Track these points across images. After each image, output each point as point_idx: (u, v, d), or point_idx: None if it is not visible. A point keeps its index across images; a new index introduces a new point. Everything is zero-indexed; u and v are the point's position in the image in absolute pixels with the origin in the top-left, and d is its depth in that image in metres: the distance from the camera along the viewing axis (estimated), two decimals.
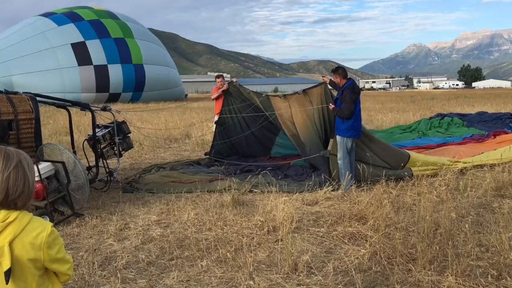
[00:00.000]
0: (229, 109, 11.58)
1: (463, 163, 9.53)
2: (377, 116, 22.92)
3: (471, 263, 4.83)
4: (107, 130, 8.88)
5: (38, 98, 7.85)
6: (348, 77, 8.56)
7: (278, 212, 6.45)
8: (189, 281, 4.77)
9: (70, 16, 42.65)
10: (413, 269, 4.78)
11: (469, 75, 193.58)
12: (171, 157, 12.96)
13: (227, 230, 6.21)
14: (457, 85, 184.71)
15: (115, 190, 8.66)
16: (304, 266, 4.92)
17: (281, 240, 5.71)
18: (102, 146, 8.81)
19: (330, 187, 8.13)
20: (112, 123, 8.95)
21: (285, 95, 9.96)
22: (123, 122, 9.21)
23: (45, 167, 6.73)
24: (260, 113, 10.64)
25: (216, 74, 13.02)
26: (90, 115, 8.82)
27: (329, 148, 8.87)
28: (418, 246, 5.09)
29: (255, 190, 8.39)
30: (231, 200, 7.53)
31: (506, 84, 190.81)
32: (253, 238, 5.93)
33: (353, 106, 8.15)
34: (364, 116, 14.99)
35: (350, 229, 6.02)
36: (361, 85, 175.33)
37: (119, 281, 4.72)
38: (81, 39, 41.11)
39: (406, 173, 8.72)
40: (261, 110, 10.60)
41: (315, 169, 9.54)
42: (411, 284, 4.55)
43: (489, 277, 4.50)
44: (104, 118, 9.56)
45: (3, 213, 2.12)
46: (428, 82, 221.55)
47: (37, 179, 6.44)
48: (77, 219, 6.85)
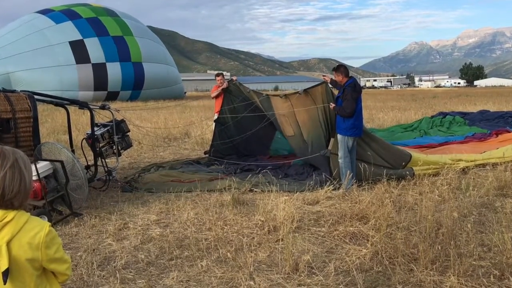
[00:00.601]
0: (229, 108, 11.58)
1: (465, 162, 9.53)
2: (378, 114, 22.92)
3: (474, 263, 4.83)
4: (106, 128, 8.88)
5: (36, 96, 7.85)
6: (349, 75, 8.57)
7: (278, 211, 6.44)
8: (189, 281, 4.77)
9: (67, 13, 42.63)
10: (415, 269, 4.77)
11: (471, 73, 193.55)
12: (171, 156, 12.96)
13: (227, 229, 6.21)
14: (458, 83, 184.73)
15: (114, 189, 8.67)
16: (305, 266, 4.92)
17: (282, 240, 5.70)
18: (101, 145, 8.81)
19: (331, 187, 8.13)
20: (111, 121, 8.95)
21: (286, 95, 9.96)
22: (122, 120, 9.20)
23: (43, 166, 6.73)
24: (260, 113, 10.65)
25: (216, 72, 13.01)
26: (88, 114, 8.81)
27: (329, 147, 8.87)
28: (420, 246, 5.08)
29: (256, 189, 8.39)
30: (231, 199, 7.53)
31: (508, 82, 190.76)
32: (253, 238, 5.93)
33: (355, 104, 8.15)
34: (365, 114, 15.00)
35: (351, 228, 6.02)
36: (362, 84, 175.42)
37: (118, 281, 4.72)
38: (79, 37, 41.11)
39: (407, 172, 8.72)
40: (261, 109, 10.61)
41: (316, 168, 9.54)
42: (413, 284, 4.54)
43: (492, 277, 4.50)
44: (102, 116, 9.56)
45: (0, 213, 2.12)
46: (429, 80, 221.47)
47: (35, 178, 6.44)
48: (76, 218, 6.85)
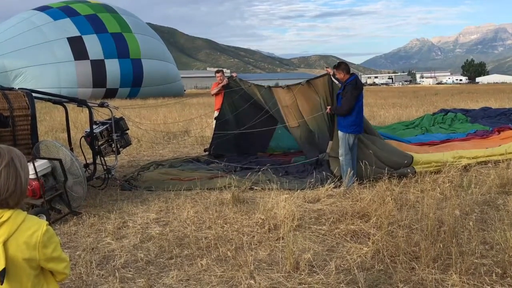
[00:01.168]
0: (228, 104, 11.57)
1: (467, 159, 9.52)
2: (379, 112, 22.92)
3: (476, 261, 4.84)
4: (105, 126, 8.87)
5: (34, 94, 7.84)
6: (350, 72, 8.55)
7: (279, 209, 6.45)
8: (188, 280, 4.77)
9: (65, 10, 42.57)
10: (417, 267, 4.78)
11: (473, 70, 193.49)
12: (170, 154, 12.96)
13: (227, 228, 6.21)
14: (460, 80, 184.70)
15: (113, 187, 8.66)
16: (305, 264, 4.92)
17: (282, 238, 5.71)
18: (99, 143, 8.81)
19: (332, 184, 8.12)
20: (109, 119, 8.95)
21: (288, 86, 9.97)
22: (121, 118, 9.20)
23: (41, 165, 6.72)
24: (262, 107, 10.64)
25: (216, 69, 13.00)
26: (87, 112, 8.81)
27: (328, 150, 8.89)
28: (421, 244, 5.09)
29: (256, 187, 8.39)
30: (231, 197, 7.53)
31: (510, 79, 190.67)
32: (253, 236, 5.93)
33: (354, 102, 8.14)
34: (366, 112, 14.98)
35: (352, 227, 6.02)
36: (363, 81, 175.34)
37: (117, 280, 4.72)
38: (77, 33, 41.06)
39: (409, 170, 8.72)
40: (262, 104, 10.60)
41: (317, 166, 9.54)
42: (414, 282, 4.55)
43: (494, 275, 4.50)
44: (101, 114, 9.54)
45: None
46: (431, 77, 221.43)
47: (33, 176, 6.44)
48: (74, 217, 6.84)
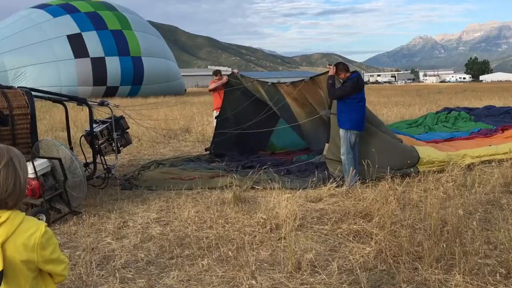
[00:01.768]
0: (229, 102, 11.55)
1: (471, 157, 9.50)
2: (382, 110, 22.88)
3: (479, 261, 4.83)
4: (105, 125, 8.87)
5: (33, 92, 7.84)
6: (352, 70, 8.57)
7: (281, 209, 6.44)
8: (189, 280, 4.77)
9: (65, 7, 42.56)
10: (420, 267, 4.77)
11: (477, 68, 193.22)
12: (171, 153, 12.97)
13: (228, 228, 6.21)
14: (464, 78, 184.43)
15: (113, 187, 8.67)
16: (307, 264, 4.92)
17: (284, 238, 5.70)
18: (99, 142, 8.81)
19: (334, 184, 8.11)
20: (110, 118, 8.95)
21: (292, 82, 9.95)
22: (121, 117, 9.20)
23: (41, 164, 6.72)
24: (264, 104, 10.62)
25: (217, 68, 13.01)
26: (87, 110, 8.81)
27: (324, 152, 8.89)
28: (424, 243, 5.08)
29: (257, 186, 8.39)
30: (233, 197, 7.52)
31: None
32: (255, 236, 5.93)
33: (349, 93, 8.16)
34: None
35: (355, 226, 6.01)
36: (365, 79, 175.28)
37: (118, 281, 4.72)
38: (77, 30, 41.03)
39: (412, 169, 8.71)
40: (266, 100, 10.57)
41: (319, 165, 9.54)
42: (417, 283, 4.54)
43: (498, 275, 4.49)
44: (102, 113, 9.54)
45: None
46: (434, 75, 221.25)
47: (33, 176, 6.44)
48: (74, 217, 6.85)
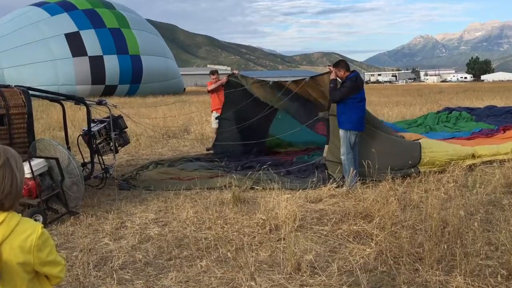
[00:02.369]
0: (230, 101, 11.53)
1: (474, 156, 9.49)
2: (382, 110, 22.87)
3: (480, 262, 4.83)
4: (103, 125, 8.86)
5: (30, 91, 7.83)
6: (351, 69, 8.56)
7: (280, 210, 6.43)
8: (188, 282, 4.77)
9: (63, 5, 42.52)
10: (420, 268, 4.76)
11: (478, 67, 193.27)
12: (169, 152, 12.96)
13: (227, 228, 6.20)
14: (465, 78, 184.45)
15: (111, 187, 8.66)
16: (307, 266, 4.91)
17: (284, 239, 5.70)
18: (97, 141, 8.80)
19: (334, 184, 8.11)
20: (108, 117, 8.94)
21: (294, 81, 9.92)
22: (120, 116, 9.19)
23: (38, 164, 6.71)
24: (264, 103, 10.62)
25: (216, 67, 13.04)
26: (85, 110, 8.80)
27: (324, 154, 8.88)
28: (425, 245, 5.08)
29: (257, 187, 8.38)
30: (232, 197, 7.52)
31: None
32: (254, 237, 5.92)
33: (348, 94, 8.15)
34: (369, 110, 14.91)
35: (355, 227, 6.01)
36: (366, 78, 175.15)
37: (115, 282, 4.71)
38: (75, 29, 41.00)
39: (412, 170, 8.71)
40: (269, 96, 10.55)
41: (318, 166, 9.55)
42: (418, 284, 4.54)
43: (499, 277, 4.49)
44: (101, 112, 9.53)
45: None
46: (435, 75, 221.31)
47: (29, 176, 6.43)
48: (72, 217, 6.83)
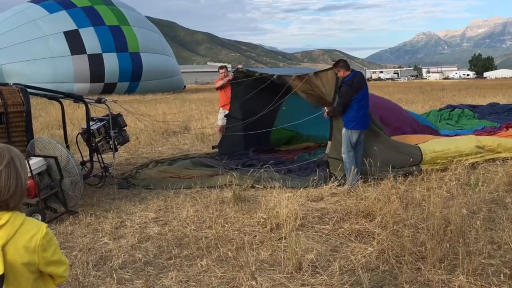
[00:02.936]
0: (237, 99, 11.52)
1: (476, 151, 9.48)
2: None
3: (483, 261, 4.82)
4: (102, 123, 8.86)
5: (29, 89, 7.83)
6: (350, 69, 8.50)
7: (281, 208, 6.42)
8: (188, 281, 4.77)
9: (61, 3, 42.51)
10: (423, 268, 4.76)
11: (481, 64, 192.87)
12: (169, 151, 12.96)
13: (228, 227, 6.20)
14: (468, 75, 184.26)
15: (110, 186, 8.65)
16: (308, 265, 4.92)
17: (285, 238, 5.69)
18: (96, 140, 8.80)
19: (335, 183, 8.10)
20: (107, 116, 8.94)
21: (297, 76, 9.87)
22: (119, 114, 9.19)
23: (36, 163, 6.71)
24: (270, 98, 10.59)
25: (219, 64, 13.03)
26: (84, 108, 8.80)
27: (327, 151, 8.86)
28: (427, 244, 5.07)
29: (257, 185, 8.38)
30: (232, 196, 7.52)
31: None
32: (255, 236, 5.92)
33: (348, 101, 8.13)
34: None
35: (356, 226, 6.00)
36: (368, 75, 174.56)
37: (115, 282, 4.71)
38: (74, 27, 41.01)
39: (414, 168, 8.70)
40: (276, 89, 10.53)
41: (320, 163, 9.54)
42: (420, 283, 4.53)
43: (502, 276, 4.48)
44: (100, 109, 9.51)
45: None
46: (437, 72, 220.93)
47: (28, 175, 6.43)
48: (71, 216, 6.84)
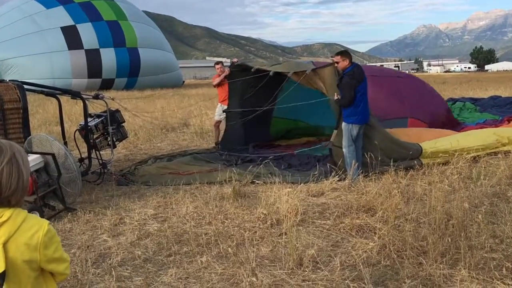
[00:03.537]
0: (235, 93, 11.51)
1: (476, 148, 9.48)
2: None
3: (485, 255, 4.82)
4: (100, 119, 8.86)
5: (25, 86, 7.82)
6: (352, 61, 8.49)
7: (281, 204, 6.43)
8: (188, 278, 4.77)
9: None
10: (424, 262, 4.77)
11: (482, 57, 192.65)
12: (168, 147, 12.96)
13: (228, 224, 6.21)
14: (469, 68, 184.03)
15: (109, 183, 8.65)
16: (309, 261, 4.92)
17: (285, 233, 5.69)
18: (95, 136, 8.80)
19: (336, 177, 8.09)
20: (105, 112, 8.93)
21: (295, 73, 9.82)
22: (117, 110, 9.19)
23: (34, 160, 6.71)
24: (268, 91, 10.58)
25: (215, 60, 13.00)
26: (82, 104, 8.79)
27: (332, 139, 8.84)
28: (429, 238, 5.07)
29: (257, 181, 8.38)
30: (232, 192, 7.51)
31: None
32: (255, 232, 5.92)
33: (353, 92, 8.09)
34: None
35: (357, 221, 6.00)
36: None
37: (114, 279, 4.71)
38: (71, 22, 40.91)
39: (415, 162, 8.70)
40: (274, 82, 10.50)
41: (321, 157, 9.54)
42: (422, 278, 4.54)
43: (504, 269, 4.48)
44: (98, 106, 9.50)
45: None
46: (438, 65, 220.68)
47: None
48: (69, 214, 6.85)
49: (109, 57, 42.26)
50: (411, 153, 8.76)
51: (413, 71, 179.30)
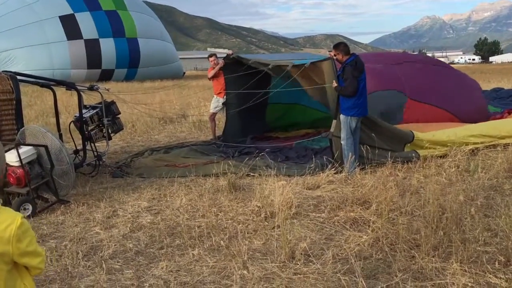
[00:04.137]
0: (231, 85, 11.50)
1: (474, 137, 9.45)
2: None
3: (478, 248, 4.84)
4: (95, 111, 8.86)
5: (19, 77, 7.82)
6: (351, 52, 8.49)
7: (276, 197, 6.43)
8: (179, 271, 4.79)
9: None
10: (417, 255, 4.78)
11: (486, 49, 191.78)
12: (166, 139, 12.97)
13: (221, 216, 6.22)
14: (473, 59, 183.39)
15: (104, 175, 8.68)
16: (301, 254, 4.93)
17: (279, 226, 5.71)
18: (90, 128, 8.81)
19: (333, 170, 8.09)
20: (100, 103, 8.93)
21: (294, 66, 9.77)
22: (112, 102, 9.19)
23: (26, 151, 6.71)
24: (265, 82, 10.57)
25: (218, 51, 12.97)
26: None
27: (331, 129, 8.82)
28: (422, 231, 5.09)
29: (253, 173, 8.38)
30: (227, 184, 7.52)
31: None
32: (248, 225, 5.94)
33: (356, 83, 8.08)
34: None
35: (352, 214, 6.02)
36: None
37: (104, 272, 4.73)
38: (70, 11, 40.82)
39: (413, 154, 8.69)
40: (268, 75, 10.48)
41: (318, 150, 9.53)
42: (413, 271, 4.55)
43: (497, 263, 4.50)
44: (96, 97, 9.49)
45: None
46: (442, 56, 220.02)
47: (18, 164, 6.45)
48: (62, 206, 6.87)
49: (108, 47, 42.20)
50: (406, 143, 8.78)
51: None
